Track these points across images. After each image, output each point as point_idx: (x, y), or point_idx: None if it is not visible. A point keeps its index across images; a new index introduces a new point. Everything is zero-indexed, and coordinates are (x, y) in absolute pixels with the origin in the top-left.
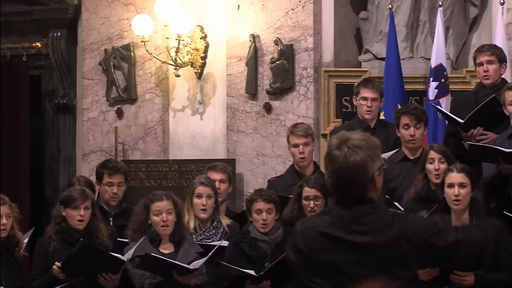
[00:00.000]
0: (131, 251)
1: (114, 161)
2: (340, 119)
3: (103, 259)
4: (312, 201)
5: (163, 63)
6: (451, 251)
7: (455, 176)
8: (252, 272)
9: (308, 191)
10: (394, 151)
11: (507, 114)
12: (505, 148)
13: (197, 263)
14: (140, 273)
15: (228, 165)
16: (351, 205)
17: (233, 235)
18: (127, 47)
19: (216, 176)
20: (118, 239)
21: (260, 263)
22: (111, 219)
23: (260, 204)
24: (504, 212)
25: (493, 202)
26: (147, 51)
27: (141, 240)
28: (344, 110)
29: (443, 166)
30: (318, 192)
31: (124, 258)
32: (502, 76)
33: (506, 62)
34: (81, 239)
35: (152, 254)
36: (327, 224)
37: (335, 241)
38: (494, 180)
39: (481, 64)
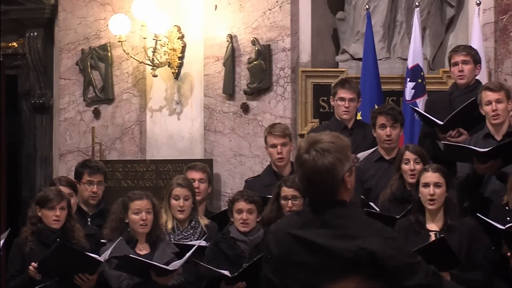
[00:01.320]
0: (108, 252)
1: (94, 161)
2: (318, 119)
3: (79, 260)
4: (290, 201)
5: (140, 63)
6: None
7: (430, 176)
8: (226, 272)
9: (286, 191)
10: (371, 150)
11: (483, 114)
12: (480, 147)
13: (176, 264)
14: (117, 274)
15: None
16: (323, 207)
17: (211, 235)
18: (104, 47)
19: (195, 175)
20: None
21: (238, 263)
22: (89, 219)
23: (241, 204)
24: (478, 214)
25: (467, 202)
26: (124, 51)
27: (118, 241)
28: (321, 110)
29: (418, 167)
30: (297, 191)
31: (101, 258)
32: (477, 77)
33: (480, 63)
34: (57, 239)
35: (131, 255)
36: (299, 226)
37: (305, 244)
38: (468, 179)
39: (456, 64)
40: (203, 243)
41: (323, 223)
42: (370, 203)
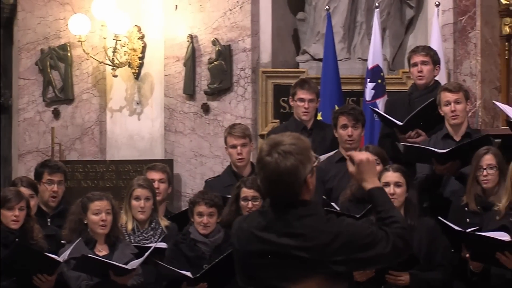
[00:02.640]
0: (67, 253)
1: (54, 161)
2: (278, 120)
3: (38, 260)
4: (250, 202)
5: (100, 63)
6: (376, 262)
7: (391, 175)
8: (188, 273)
9: (246, 191)
10: (332, 152)
11: (442, 114)
12: (439, 148)
13: (134, 263)
14: (76, 275)
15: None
16: (285, 208)
17: (171, 236)
18: (63, 47)
19: (155, 176)
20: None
21: (199, 264)
22: (49, 220)
23: (202, 207)
24: (439, 217)
25: (426, 202)
26: (84, 51)
27: (77, 241)
28: (281, 110)
29: (378, 168)
30: (256, 192)
31: (60, 259)
32: (436, 78)
33: (439, 64)
34: (16, 240)
35: (89, 255)
36: (261, 227)
37: (267, 245)
38: (427, 180)
39: (415, 64)
40: (161, 244)
41: (285, 224)
42: (332, 204)
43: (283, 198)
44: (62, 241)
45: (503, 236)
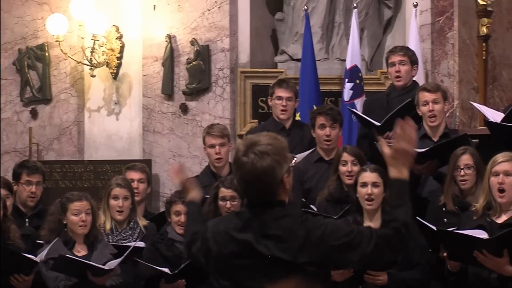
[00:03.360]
0: (44, 253)
1: (33, 161)
2: (256, 120)
3: (15, 260)
4: (228, 202)
5: (78, 63)
6: (356, 262)
7: (369, 176)
8: (166, 270)
9: (224, 191)
10: (309, 151)
11: (420, 114)
12: (416, 148)
13: (112, 263)
14: (54, 276)
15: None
16: (262, 208)
17: (149, 235)
18: (41, 47)
19: (134, 175)
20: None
21: (177, 264)
22: (27, 220)
23: (179, 206)
24: (417, 217)
25: None
26: (62, 51)
27: (54, 241)
28: (260, 110)
29: (355, 168)
30: (235, 192)
31: (37, 259)
32: (414, 79)
33: (417, 64)
34: None
35: (67, 255)
36: (238, 228)
37: (244, 246)
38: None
39: (393, 64)
40: (140, 244)
41: (262, 224)
42: (311, 206)
43: (260, 198)
44: (39, 241)
45: (480, 234)
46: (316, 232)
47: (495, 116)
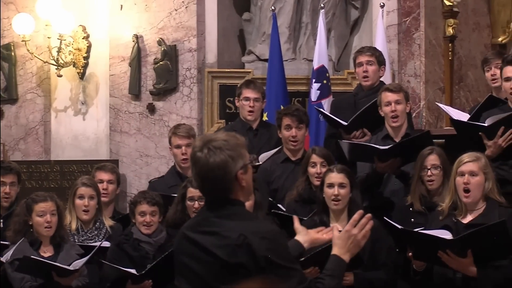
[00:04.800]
0: (9, 253)
1: (7, 162)
2: (224, 120)
3: None
4: (196, 202)
5: (44, 63)
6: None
7: (335, 176)
8: (133, 271)
9: (192, 191)
10: (274, 150)
11: (382, 115)
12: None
13: (77, 264)
14: (20, 277)
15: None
16: (215, 205)
17: (115, 236)
18: (7, 47)
19: (104, 176)
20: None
21: (143, 264)
22: (1, 220)
23: (144, 207)
24: (384, 217)
25: (366, 201)
26: (28, 50)
27: (20, 242)
28: (227, 111)
29: (324, 170)
30: (201, 193)
31: (2, 259)
32: (381, 79)
33: (385, 64)
34: None
35: (31, 256)
36: (189, 226)
37: (192, 243)
38: (368, 179)
39: (360, 64)
40: (106, 243)
41: (210, 223)
42: (278, 205)
43: (214, 194)
44: (3, 242)
45: (445, 234)
46: (256, 240)
47: (461, 116)
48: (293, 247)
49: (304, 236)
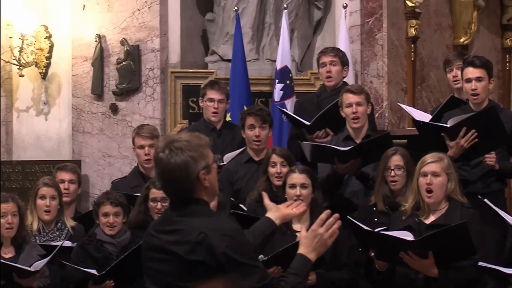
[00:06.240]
0: None
1: None
2: (187, 120)
3: None
4: (159, 203)
5: (6, 62)
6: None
7: (297, 177)
8: (94, 271)
9: (155, 192)
10: (238, 151)
11: (343, 116)
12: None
13: (38, 265)
14: None
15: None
16: (179, 205)
17: (77, 236)
18: None
19: (65, 176)
20: None
21: (106, 265)
22: None
23: (107, 208)
24: (348, 216)
25: (326, 202)
26: None
27: None
28: (191, 111)
29: (285, 170)
30: (164, 193)
31: None
32: (344, 80)
33: (348, 65)
34: None
35: None
36: (154, 224)
37: (156, 241)
38: (328, 179)
39: (324, 65)
40: (67, 243)
41: (173, 222)
42: (240, 205)
43: (177, 194)
44: None
45: (406, 235)
46: (215, 238)
47: (423, 117)
48: (265, 224)
49: (275, 212)
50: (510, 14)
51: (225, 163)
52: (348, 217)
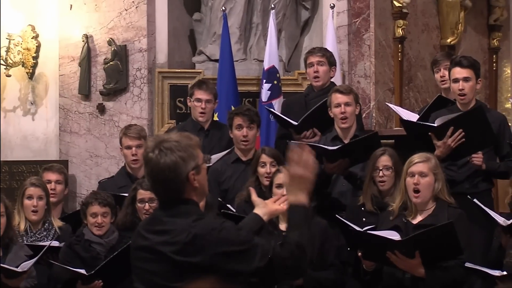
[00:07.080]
0: None
1: None
2: (174, 120)
3: None
4: (147, 204)
5: None
6: (246, 273)
7: (284, 177)
8: (82, 271)
9: (143, 193)
10: (225, 152)
11: (332, 116)
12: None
13: (26, 265)
14: None
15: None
16: (168, 205)
17: (64, 237)
18: None
19: (52, 176)
20: None
21: (94, 265)
22: None
23: (95, 208)
24: (337, 216)
25: (314, 202)
26: None
27: None
28: (178, 111)
29: (274, 170)
30: (153, 194)
31: None
32: (332, 80)
33: (335, 65)
34: None
35: None
36: (143, 224)
37: (145, 242)
38: (316, 179)
39: (311, 65)
40: (55, 243)
41: (162, 222)
42: (228, 205)
43: (166, 195)
44: None
45: (393, 235)
46: (204, 236)
47: (410, 117)
48: (253, 220)
49: (262, 208)
50: (497, 14)
51: (212, 163)
52: (337, 216)
